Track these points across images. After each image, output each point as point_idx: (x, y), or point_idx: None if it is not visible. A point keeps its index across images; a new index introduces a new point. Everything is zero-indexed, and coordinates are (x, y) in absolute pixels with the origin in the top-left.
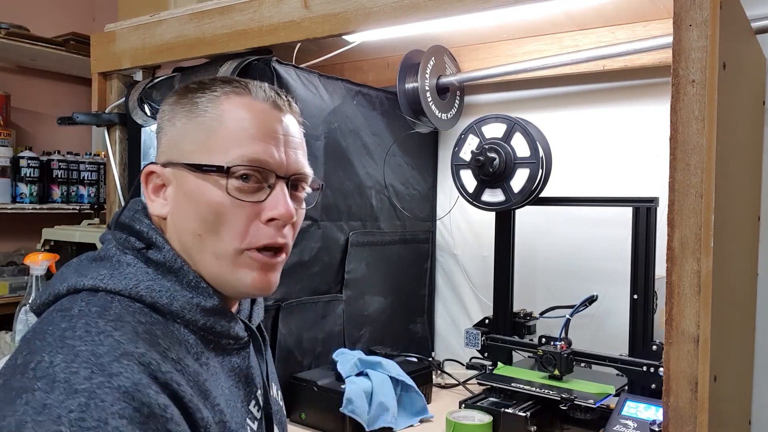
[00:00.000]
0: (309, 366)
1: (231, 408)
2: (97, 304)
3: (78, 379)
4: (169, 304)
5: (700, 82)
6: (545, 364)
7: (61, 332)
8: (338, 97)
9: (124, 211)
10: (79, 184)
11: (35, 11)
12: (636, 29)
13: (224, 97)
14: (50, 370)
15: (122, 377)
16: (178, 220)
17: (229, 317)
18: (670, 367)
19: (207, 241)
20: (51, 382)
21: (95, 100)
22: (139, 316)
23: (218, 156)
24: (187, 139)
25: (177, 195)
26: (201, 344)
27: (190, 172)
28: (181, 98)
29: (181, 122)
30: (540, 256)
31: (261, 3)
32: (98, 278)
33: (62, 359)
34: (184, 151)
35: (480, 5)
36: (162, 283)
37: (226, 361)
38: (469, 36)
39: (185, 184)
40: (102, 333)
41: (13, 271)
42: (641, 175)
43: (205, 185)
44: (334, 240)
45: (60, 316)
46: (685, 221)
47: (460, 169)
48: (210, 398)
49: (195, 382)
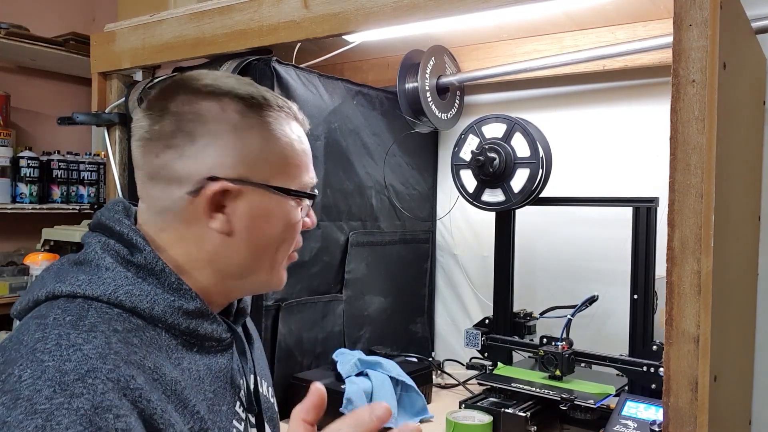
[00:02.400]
0: (309, 366)
1: (214, 412)
2: (73, 313)
3: (40, 398)
4: (150, 309)
5: (700, 82)
6: (547, 365)
7: (33, 344)
8: (338, 97)
9: (104, 211)
10: (79, 184)
11: (35, 11)
12: (636, 29)
13: (286, 120)
14: (17, 385)
15: (83, 399)
16: (247, 236)
17: (212, 319)
18: (670, 367)
19: (269, 254)
20: (15, 399)
21: (95, 100)
22: (116, 324)
23: (292, 181)
24: (264, 160)
25: (250, 212)
26: (183, 348)
27: (271, 192)
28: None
29: (255, 140)
30: (540, 256)
31: (261, 3)
32: (76, 284)
33: (29, 375)
34: (264, 173)
35: (480, 5)
36: (142, 287)
37: (211, 362)
38: (469, 36)
39: (263, 202)
40: (72, 347)
41: (13, 271)
42: (641, 175)
43: (284, 205)
44: (334, 240)
45: (35, 325)
46: (685, 221)
47: (460, 169)
48: (189, 406)
49: (173, 392)
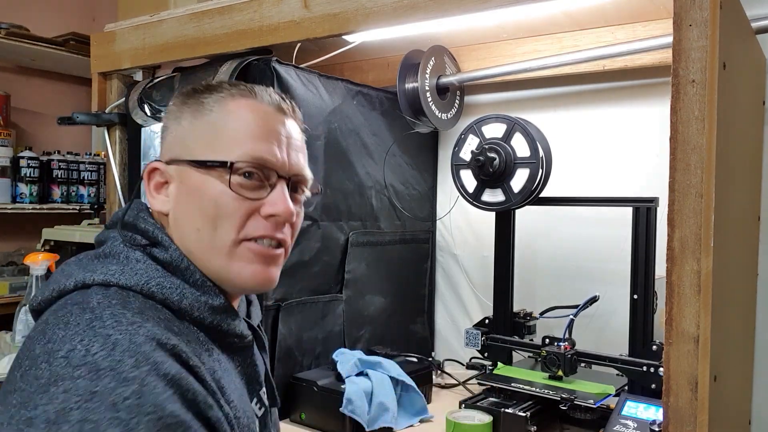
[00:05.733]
0: (309, 366)
1: (243, 403)
2: (116, 298)
3: (125, 367)
4: (179, 301)
5: (700, 82)
6: (549, 365)
7: (88, 322)
8: (338, 97)
9: (128, 210)
10: (79, 184)
11: (35, 11)
12: (636, 29)
13: (230, 98)
14: (89, 358)
15: (168, 365)
16: (180, 216)
17: (234, 316)
18: (670, 367)
19: (205, 235)
20: (95, 370)
21: (95, 100)
22: (156, 312)
23: (222, 154)
24: (192, 137)
25: (179, 192)
26: (210, 341)
27: (194, 168)
28: (188, 98)
29: (187, 121)
30: (540, 256)
31: (261, 3)
32: (108, 273)
33: (99, 347)
34: (189, 149)
35: (480, 5)
36: (171, 280)
37: (232, 359)
38: (468, 36)
39: (188, 180)
40: (134, 323)
41: (13, 271)
42: (641, 175)
43: (208, 180)
44: (334, 240)
45: (78, 308)
46: (685, 221)
47: (460, 169)
48: (226, 394)
49: (212, 378)
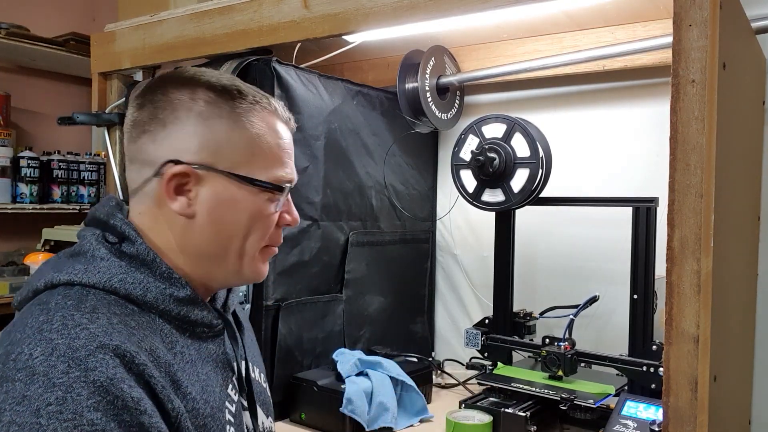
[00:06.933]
0: (309, 366)
1: (207, 393)
2: (73, 297)
3: (56, 373)
4: (143, 295)
5: (700, 82)
6: (549, 365)
7: (39, 325)
8: (338, 97)
9: (99, 207)
10: (79, 184)
11: (35, 11)
12: (636, 29)
13: (260, 113)
14: (30, 362)
15: (97, 372)
16: (209, 222)
17: (202, 306)
18: (670, 367)
19: (235, 243)
20: (31, 374)
21: (95, 100)
22: (114, 308)
23: (260, 172)
24: (230, 148)
25: (211, 199)
26: (176, 332)
27: (234, 181)
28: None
29: (222, 129)
30: (540, 256)
31: (261, 3)
32: (73, 273)
33: (40, 352)
34: (228, 161)
35: (480, 5)
36: (135, 275)
37: (202, 347)
38: (468, 36)
39: (223, 190)
40: (78, 326)
41: (13, 271)
42: (641, 175)
43: (247, 195)
44: (334, 240)
45: (38, 310)
46: (685, 221)
47: (460, 169)
48: (181, 388)
49: (166, 373)
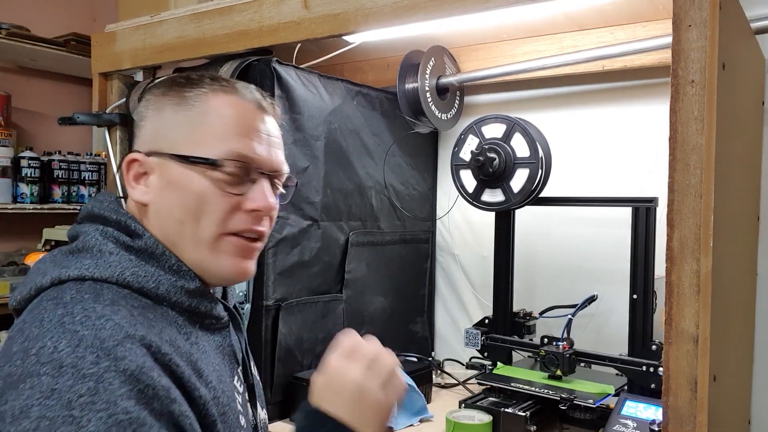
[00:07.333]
0: (309, 366)
1: (222, 383)
2: (89, 291)
3: (85, 363)
4: (156, 288)
5: (700, 82)
6: (548, 365)
7: (59, 318)
8: (338, 97)
9: (94, 203)
10: (79, 184)
11: (35, 11)
12: (636, 29)
13: (212, 94)
14: (55, 355)
15: (127, 360)
16: (161, 207)
17: (210, 298)
18: (670, 366)
19: (187, 228)
20: (58, 367)
21: (96, 100)
22: (131, 301)
23: (204, 149)
24: (174, 130)
25: (160, 183)
26: (189, 324)
27: (176, 162)
28: (168, 91)
29: (168, 114)
30: (540, 256)
31: (261, 3)
32: (83, 268)
33: (66, 344)
34: (171, 142)
35: (480, 5)
36: (146, 268)
37: (210, 339)
38: (468, 36)
39: (170, 173)
40: (102, 317)
41: (13, 271)
42: (641, 175)
43: (191, 174)
44: (334, 240)
45: (52, 304)
46: (684, 221)
47: (460, 169)
48: (203, 376)
49: (189, 362)
